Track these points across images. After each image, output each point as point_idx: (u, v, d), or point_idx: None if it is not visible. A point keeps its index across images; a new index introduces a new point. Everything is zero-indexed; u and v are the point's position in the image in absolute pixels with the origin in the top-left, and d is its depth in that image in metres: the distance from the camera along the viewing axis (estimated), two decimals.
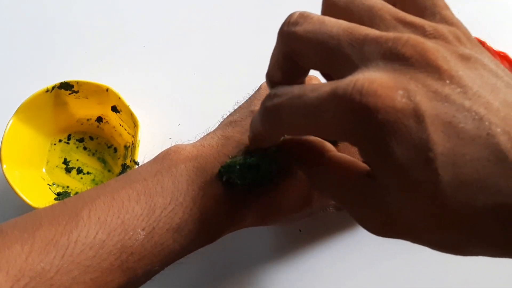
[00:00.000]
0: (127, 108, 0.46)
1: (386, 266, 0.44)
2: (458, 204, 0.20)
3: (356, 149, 0.26)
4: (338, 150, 0.32)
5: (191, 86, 0.53)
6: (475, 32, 0.48)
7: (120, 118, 0.49)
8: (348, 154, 0.32)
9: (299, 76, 0.27)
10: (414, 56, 0.21)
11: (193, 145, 0.34)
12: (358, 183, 0.24)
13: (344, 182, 0.25)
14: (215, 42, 0.56)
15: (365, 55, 0.21)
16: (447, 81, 0.20)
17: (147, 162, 0.32)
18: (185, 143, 0.34)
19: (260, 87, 0.40)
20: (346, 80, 0.21)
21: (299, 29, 0.24)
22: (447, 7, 0.24)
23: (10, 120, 0.45)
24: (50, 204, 0.42)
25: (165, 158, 0.32)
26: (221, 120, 0.38)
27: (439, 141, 0.19)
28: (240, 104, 0.40)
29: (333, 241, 0.45)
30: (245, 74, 0.52)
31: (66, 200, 0.29)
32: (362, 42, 0.22)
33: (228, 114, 0.39)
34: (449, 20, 0.24)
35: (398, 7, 0.24)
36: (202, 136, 0.36)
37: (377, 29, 0.23)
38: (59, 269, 0.25)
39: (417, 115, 0.19)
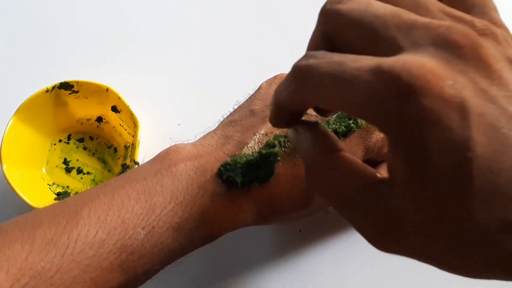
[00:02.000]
0: (127, 108, 0.46)
1: (386, 266, 0.44)
2: (486, 215, 0.19)
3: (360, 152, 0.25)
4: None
5: (191, 86, 0.53)
6: None
7: (120, 118, 0.49)
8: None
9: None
10: (466, 47, 0.19)
11: (193, 144, 0.34)
12: (366, 188, 0.22)
13: (348, 185, 0.23)
14: (215, 42, 0.56)
15: (414, 39, 0.20)
16: (496, 82, 0.19)
17: (147, 162, 0.33)
18: (185, 142, 0.34)
19: (260, 87, 0.40)
20: (393, 58, 0.19)
21: (342, 7, 0.22)
22: (496, 9, 0.23)
23: (10, 120, 0.45)
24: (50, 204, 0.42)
25: (165, 158, 0.32)
26: (221, 119, 0.39)
27: (480, 142, 0.18)
28: (240, 103, 0.40)
29: (333, 241, 0.45)
30: (245, 74, 0.52)
31: (66, 199, 0.29)
32: (410, 26, 0.20)
33: (228, 113, 0.39)
34: (497, 22, 0.23)
35: (445, 3, 0.23)
36: (202, 135, 0.36)
37: None
38: (59, 268, 0.25)
39: (463, 110, 0.18)
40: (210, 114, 0.44)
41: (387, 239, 0.22)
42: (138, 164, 0.45)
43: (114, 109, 0.48)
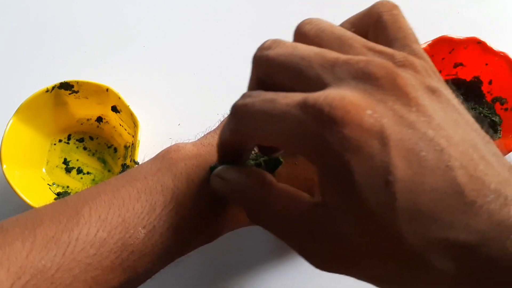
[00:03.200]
0: (127, 108, 0.46)
1: None
2: (412, 235, 0.20)
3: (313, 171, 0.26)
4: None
5: (191, 86, 0.53)
6: (475, 32, 0.48)
7: (120, 118, 0.49)
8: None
9: None
10: (384, 78, 0.21)
11: (193, 143, 0.34)
12: (302, 214, 0.23)
13: (286, 214, 0.24)
14: (215, 42, 0.56)
15: (336, 75, 0.21)
16: (414, 109, 0.20)
17: (147, 161, 0.32)
18: (185, 141, 0.34)
19: None
20: (318, 93, 0.21)
21: (271, 52, 0.24)
22: (417, 41, 0.25)
23: (10, 120, 0.45)
24: None
25: (165, 157, 0.32)
26: (222, 119, 0.39)
27: (400, 166, 0.19)
28: None
29: None
30: (245, 74, 0.52)
31: (67, 198, 0.29)
32: (333, 64, 0.22)
33: (228, 113, 0.39)
34: (418, 54, 0.24)
35: (370, 39, 0.24)
36: (203, 135, 0.36)
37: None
38: (60, 267, 0.25)
39: (382, 137, 0.19)
40: (210, 114, 0.44)
41: (328, 261, 0.23)
42: (138, 164, 0.45)
43: (114, 109, 0.48)
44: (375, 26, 0.26)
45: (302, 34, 0.26)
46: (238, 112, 0.24)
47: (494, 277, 0.20)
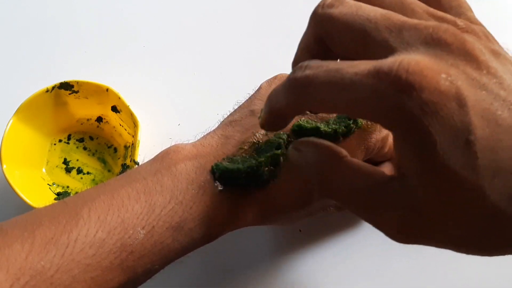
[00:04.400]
0: (127, 108, 0.46)
1: (386, 267, 0.44)
2: (495, 191, 0.20)
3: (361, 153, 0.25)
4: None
5: (191, 86, 0.53)
6: None
7: (120, 118, 0.49)
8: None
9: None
10: (454, 43, 0.21)
11: (193, 144, 0.34)
12: (379, 187, 0.24)
13: (360, 186, 0.24)
14: (215, 42, 0.56)
15: (405, 40, 0.22)
16: (484, 71, 0.21)
17: (147, 162, 0.33)
18: (185, 142, 0.34)
19: (260, 87, 0.40)
20: (390, 59, 0.21)
21: (335, 11, 0.23)
22: (471, 9, 0.25)
23: (10, 120, 0.45)
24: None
25: (165, 158, 0.32)
26: (222, 120, 0.39)
27: (479, 125, 0.20)
28: (240, 103, 0.40)
29: (333, 241, 0.45)
30: (245, 74, 0.52)
31: (66, 199, 0.29)
32: (400, 27, 0.22)
33: (228, 114, 0.39)
34: (474, 21, 0.24)
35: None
36: (202, 135, 0.36)
37: None
38: (59, 268, 0.25)
39: (459, 99, 0.20)
40: (210, 114, 0.44)
41: (406, 232, 0.23)
42: (138, 164, 0.45)
43: (114, 109, 0.48)
44: None
45: None
46: (300, 85, 0.23)
47: None
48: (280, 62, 0.53)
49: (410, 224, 0.23)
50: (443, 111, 0.20)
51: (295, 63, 0.27)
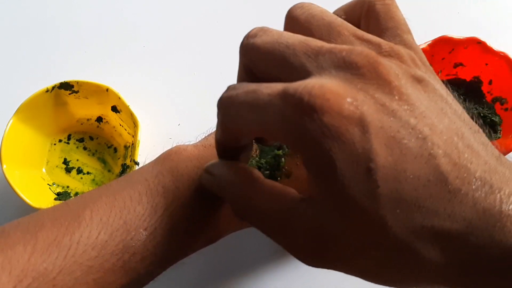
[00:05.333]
0: (127, 108, 0.46)
1: None
2: (397, 223, 0.20)
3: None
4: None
5: (191, 86, 0.53)
6: (475, 32, 0.48)
7: (120, 118, 0.49)
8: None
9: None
10: (366, 66, 0.21)
11: (195, 145, 0.34)
12: (288, 209, 0.23)
13: (271, 210, 0.24)
14: (215, 42, 0.56)
15: (320, 64, 0.22)
16: (396, 97, 0.20)
17: (148, 163, 0.32)
18: (186, 143, 0.34)
19: None
20: (299, 82, 0.21)
21: (257, 40, 0.24)
22: (409, 32, 0.25)
23: (10, 120, 0.45)
24: (50, 204, 0.42)
25: (167, 159, 0.32)
26: None
27: (381, 153, 0.19)
28: None
29: None
30: None
31: (68, 201, 0.29)
32: (317, 52, 0.22)
33: None
34: (408, 44, 0.24)
35: (362, 28, 0.25)
36: (204, 136, 0.36)
37: (335, 44, 0.23)
38: (62, 270, 0.25)
39: (362, 125, 0.19)
40: (210, 114, 0.43)
41: (313, 256, 0.23)
42: (138, 164, 0.45)
43: (114, 109, 0.48)
44: (367, 15, 0.26)
45: (293, 18, 0.26)
46: (223, 105, 0.24)
47: (482, 266, 0.20)
48: None
49: (317, 248, 0.22)
50: (344, 136, 0.19)
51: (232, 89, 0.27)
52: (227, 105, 0.24)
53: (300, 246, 0.23)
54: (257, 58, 0.24)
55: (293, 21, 0.25)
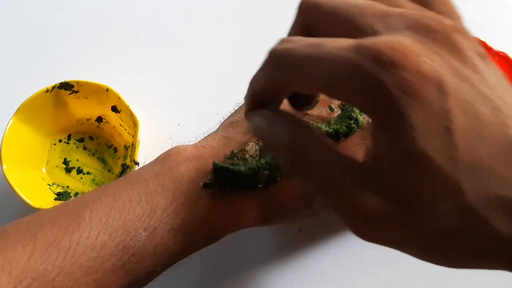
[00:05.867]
0: (127, 108, 0.46)
1: (387, 267, 0.44)
2: (472, 189, 0.19)
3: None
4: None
5: (191, 86, 0.53)
6: (475, 32, 0.48)
7: (120, 118, 0.49)
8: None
9: None
10: (440, 31, 0.20)
11: (194, 146, 0.34)
12: (351, 171, 0.21)
13: (336, 168, 0.22)
14: (215, 42, 0.56)
15: (389, 25, 0.21)
16: (468, 66, 0.20)
17: (148, 164, 0.33)
18: (186, 144, 0.34)
19: None
20: (373, 37, 0.20)
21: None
22: (460, 18, 0.24)
23: (10, 120, 0.44)
24: (50, 204, 0.42)
25: (166, 160, 0.32)
26: (222, 120, 0.39)
27: (459, 116, 0.19)
28: (240, 104, 0.40)
29: (333, 241, 0.45)
30: (245, 74, 0.52)
31: (67, 201, 0.29)
32: (386, 14, 0.21)
33: (228, 114, 0.39)
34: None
35: None
36: (203, 137, 0.36)
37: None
38: (61, 270, 0.25)
39: (440, 85, 0.19)
40: (210, 114, 0.44)
41: (370, 226, 0.21)
42: (138, 164, 0.45)
43: (114, 109, 0.48)
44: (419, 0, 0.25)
45: None
46: (278, 57, 0.23)
47: None
48: None
49: (377, 216, 0.21)
50: (422, 94, 0.19)
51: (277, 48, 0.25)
52: (283, 58, 0.22)
53: (358, 210, 0.21)
54: (319, 17, 0.23)
55: None
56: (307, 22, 0.24)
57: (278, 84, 0.24)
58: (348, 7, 0.22)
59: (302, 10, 0.24)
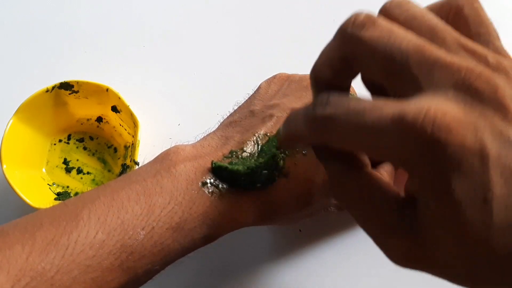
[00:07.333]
0: (127, 108, 0.46)
1: (387, 267, 0.44)
2: (503, 246, 0.20)
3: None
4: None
5: (191, 86, 0.53)
6: None
7: (120, 118, 0.49)
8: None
9: (349, 78, 0.26)
10: (486, 91, 0.20)
11: (193, 145, 0.34)
12: (392, 208, 0.23)
13: (377, 204, 0.24)
14: (215, 42, 0.56)
15: (434, 80, 0.21)
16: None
17: (147, 163, 0.33)
18: (185, 143, 0.34)
19: (259, 87, 0.40)
20: (414, 106, 0.20)
21: (365, 34, 0.22)
22: (499, 38, 0.24)
23: (10, 120, 0.45)
24: (50, 204, 0.42)
25: (165, 159, 0.32)
26: (221, 120, 0.39)
27: (498, 183, 0.19)
28: (240, 104, 0.40)
29: (333, 241, 0.45)
30: (245, 74, 0.52)
31: (66, 201, 0.29)
32: (432, 65, 0.21)
33: (228, 114, 0.39)
34: (502, 52, 0.24)
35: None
36: (202, 136, 0.36)
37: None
38: (60, 269, 0.25)
39: (482, 155, 0.19)
40: (210, 114, 0.44)
41: (411, 260, 0.23)
42: (138, 164, 0.45)
43: (114, 109, 0.48)
44: (455, 18, 0.25)
45: (390, 17, 0.24)
46: (320, 123, 0.23)
47: None
48: (279, 62, 0.54)
49: (413, 252, 0.23)
50: (465, 167, 0.19)
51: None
52: (326, 124, 0.23)
53: (394, 245, 0.24)
54: (361, 54, 0.23)
55: (391, 20, 0.24)
56: (347, 53, 0.24)
57: (318, 141, 0.25)
58: (394, 51, 0.22)
59: (343, 41, 0.24)
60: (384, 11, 0.24)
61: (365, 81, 0.28)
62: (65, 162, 0.49)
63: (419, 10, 0.24)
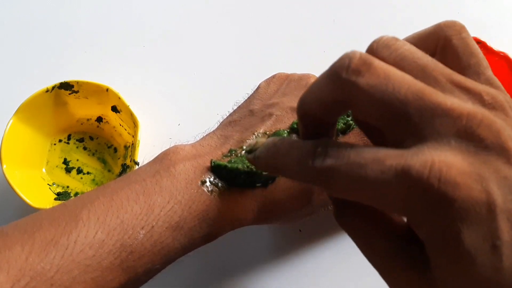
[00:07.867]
0: (127, 108, 0.46)
1: None
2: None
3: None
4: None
5: (191, 86, 0.53)
6: (475, 32, 0.48)
7: (120, 118, 0.49)
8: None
9: (339, 116, 0.25)
10: (489, 138, 0.20)
11: (192, 145, 0.34)
12: (399, 245, 0.24)
13: (382, 236, 0.24)
14: (215, 42, 0.56)
15: (436, 128, 0.20)
16: None
17: (146, 163, 0.33)
18: (185, 143, 0.34)
19: (258, 87, 0.41)
20: (418, 159, 0.20)
21: (361, 81, 0.21)
22: (489, 67, 0.24)
23: (10, 120, 0.45)
24: (50, 204, 0.42)
25: (164, 159, 0.32)
26: (221, 120, 0.39)
27: (505, 229, 0.19)
28: (239, 104, 0.40)
29: (333, 241, 0.45)
30: (244, 74, 0.52)
31: (66, 202, 0.30)
32: (432, 112, 0.21)
33: (227, 114, 0.39)
34: (493, 83, 0.23)
35: (437, 58, 0.23)
36: (202, 136, 0.36)
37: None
38: (59, 269, 0.25)
39: (489, 204, 0.19)
40: (210, 114, 0.44)
41: None
42: (138, 164, 0.45)
43: (114, 109, 0.48)
44: (444, 49, 0.25)
45: (379, 58, 0.23)
46: (320, 175, 0.23)
47: None
48: (279, 62, 0.54)
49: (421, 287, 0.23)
50: (473, 217, 0.19)
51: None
52: (327, 176, 0.22)
53: (403, 282, 0.24)
54: (358, 102, 0.22)
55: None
56: (342, 99, 0.23)
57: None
58: (393, 99, 0.21)
59: (338, 86, 0.22)
60: (372, 52, 0.24)
61: (358, 121, 0.28)
62: (65, 162, 0.49)
63: (408, 49, 0.23)
